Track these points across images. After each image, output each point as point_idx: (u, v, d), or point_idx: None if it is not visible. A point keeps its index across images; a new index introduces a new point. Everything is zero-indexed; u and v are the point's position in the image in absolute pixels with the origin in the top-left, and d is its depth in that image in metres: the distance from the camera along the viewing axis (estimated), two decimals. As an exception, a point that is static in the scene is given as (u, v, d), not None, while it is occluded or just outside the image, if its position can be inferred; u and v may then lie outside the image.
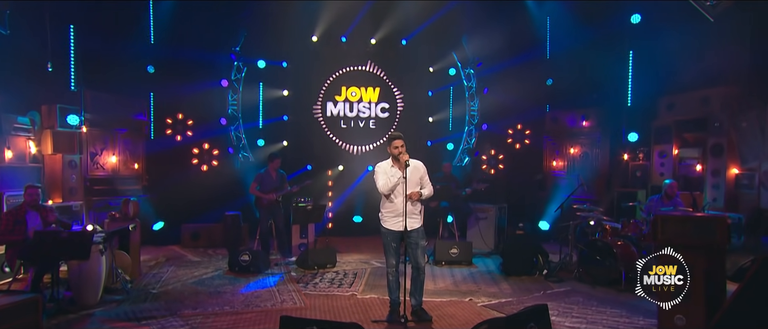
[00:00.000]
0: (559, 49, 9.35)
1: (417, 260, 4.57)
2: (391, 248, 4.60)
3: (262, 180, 7.30)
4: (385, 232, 4.60)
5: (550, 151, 9.63)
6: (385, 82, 9.86)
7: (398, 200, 4.49)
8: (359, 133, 9.73)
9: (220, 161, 9.23)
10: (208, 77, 8.84)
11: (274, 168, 7.40)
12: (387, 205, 4.60)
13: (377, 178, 4.56)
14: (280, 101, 9.52)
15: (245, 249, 6.71)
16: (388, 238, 4.59)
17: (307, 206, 6.66)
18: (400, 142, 4.50)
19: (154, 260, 7.40)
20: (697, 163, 7.35)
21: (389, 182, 4.48)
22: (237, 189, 8.74)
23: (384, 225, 4.61)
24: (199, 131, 9.04)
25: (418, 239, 4.55)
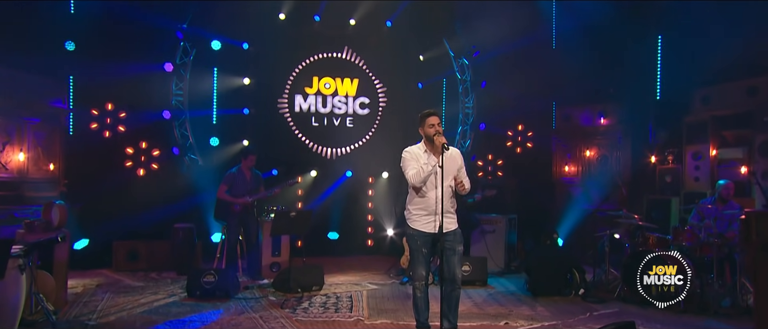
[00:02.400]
0: (568, 36, 9.26)
1: (453, 271, 4.27)
2: (421, 255, 4.32)
3: (233, 181, 6.88)
4: (414, 234, 4.34)
5: (561, 154, 9.53)
6: (365, 72, 9.57)
7: (431, 194, 4.25)
8: (334, 132, 9.39)
9: (162, 163, 8.60)
10: (147, 59, 8.28)
11: (247, 166, 6.98)
12: (417, 200, 4.34)
13: (406, 166, 4.31)
14: (240, 91, 9.02)
15: (209, 268, 6.11)
16: (418, 242, 4.32)
17: (290, 213, 6.19)
18: (437, 119, 4.31)
19: (81, 286, 6.62)
20: (741, 165, 7.33)
21: (422, 171, 4.21)
22: (185, 198, 8.15)
23: (412, 226, 4.35)
24: (134, 125, 8.41)
25: (455, 243, 4.28)
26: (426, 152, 4.31)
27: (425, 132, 4.33)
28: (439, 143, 4.16)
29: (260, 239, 7.14)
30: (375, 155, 9.34)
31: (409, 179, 4.28)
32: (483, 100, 9.93)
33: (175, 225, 7.56)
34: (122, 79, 8.03)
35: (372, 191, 9.53)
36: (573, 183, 9.19)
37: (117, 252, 7.67)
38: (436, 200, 4.22)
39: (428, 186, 4.26)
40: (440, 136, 4.20)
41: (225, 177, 6.93)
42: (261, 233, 7.15)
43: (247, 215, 6.91)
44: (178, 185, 8.33)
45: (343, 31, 9.43)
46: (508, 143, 9.95)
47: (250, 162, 6.98)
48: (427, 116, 4.33)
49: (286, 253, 7.24)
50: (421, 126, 4.36)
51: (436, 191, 4.24)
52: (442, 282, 4.27)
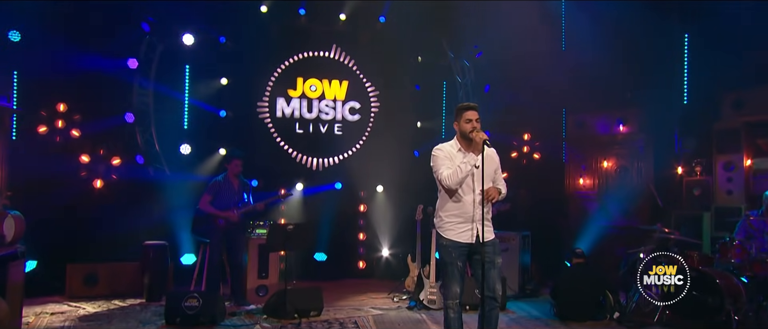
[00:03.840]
0: (579, 36, 9.25)
1: (493, 286, 4.14)
2: (455, 269, 4.17)
3: (218, 191, 6.67)
4: (447, 245, 4.19)
5: (574, 165, 9.44)
6: (355, 74, 9.45)
7: (468, 198, 4.14)
8: (320, 141, 9.22)
9: (124, 174, 8.23)
10: (107, 53, 7.94)
11: (234, 173, 6.72)
12: (450, 206, 4.21)
13: (439, 165, 4.19)
14: (216, 92, 8.75)
15: (192, 291, 5.80)
16: (453, 254, 4.16)
17: (287, 226, 5.93)
18: (475, 114, 4.21)
19: (32, 315, 6.17)
20: (781, 176, 7.35)
21: (459, 170, 4.07)
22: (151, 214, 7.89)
23: (445, 235, 4.22)
24: (91, 129, 8.05)
25: (495, 255, 4.18)
26: (460, 151, 4.22)
27: (461, 128, 4.22)
28: (478, 139, 4.04)
29: (245, 259, 6.86)
30: (367, 166, 9.19)
31: (443, 180, 4.14)
32: (486, 105, 9.40)
33: (146, 243, 7.26)
34: (77, 76, 7.75)
35: (364, 206, 9.31)
36: (589, 197, 9.08)
37: (72, 275, 7.24)
38: (473, 206, 4.10)
39: (464, 189, 4.14)
40: (479, 132, 4.10)
41: (209, 186, 6.70)
42: (246, 253, 6.88)
43: (233, 231, 6.66)
44: (143, 199, 8.02)
45: (332, 28, 9.29)
46: (514, 154, 9.87)
47: (235, 168, 6.74)
48: (465, 109, 4.24)
49: (274, 275, 6.97)
50: (457, 121, 4.26)
51: (473, 194, 4.12)
52: (481, 301, 4.08)
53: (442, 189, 4.25)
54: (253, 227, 6.94)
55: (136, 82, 8.33)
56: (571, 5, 9.62)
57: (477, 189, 4.10)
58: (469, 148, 4.16)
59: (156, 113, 8.46)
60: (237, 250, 6.69)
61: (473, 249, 4.14)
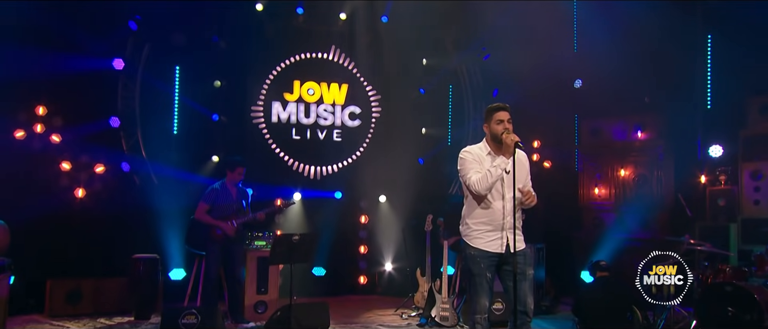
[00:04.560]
0: (593, 37, 9.19)
1: (525, 300, 4.03)
2: (484, 280, 4.06)
3: (215, 199, 6.49)
4: (475, 255, 4.10)
5: (588, 174, 9.33)
6: (356, 77, 9.43)
7: (497, 204, 4.06)
8: (318, 147, 9.15)
9: (108, 183, 8.14)
10: (91, 52, 7.88)
11: (233, 181, 6.60)
12: (478, 213, 4.12)
13: (467, 169, 4.11)
14: (209, 95, 8.69)
15: (189, 307, 5.68)
16: (481, 265, 4.07)
17: (292, 237, 5.77)
18: (507, 114, 4.12)
19: None
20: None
21: (489, 174, 3.98)
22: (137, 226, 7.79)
23: (472, 244, 4.13)
24: (72, 135, 7.92)
25: (526, 266, 4.08)
26: (489, 154, 4.13)
27: (491, 129, 4.13)
28: (510, 141, 3.94)
29: (244, 273, 6.74)
30: (368, 175, 9.10)
31: (472, 185, 4.04)
32: None
33: (135, 256, 7.11)
34: (58, 77, 7.64)
35: (365, 217, 9.21)
36: (604, 208, 8.99)
37: (53, 291, 7.03)
38: (503, 213, 4.03)
39: (493, 195, 4.06)
40: (511, 133, 4.01)
41: (205, 194, 6.53)
42: (244, 267, 6.75)
43: (232, 242, 6.48)
44: (128, 210, 7.88)
45: (331, 28, 9.28)
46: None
47: (237, 176, 6.59)
48: (496, 110, 4.14)
49: (274, 290, 6.84)
50: (488, 122, 4.16)
51: (504, 201, 4.04)
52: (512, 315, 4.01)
53: (469, 195, 4.16)
54: (252, 238, 6.81)
55: (121, 83, 8.25)
56: (584, 5, 9.58)
57: (507, 195, 4.02)
58: (499, 151, 4.08)
59: (142, 118, 8.39)
60: (235, 263, 6.54)
61: (503, 259, 4.05)
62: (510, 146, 3.93)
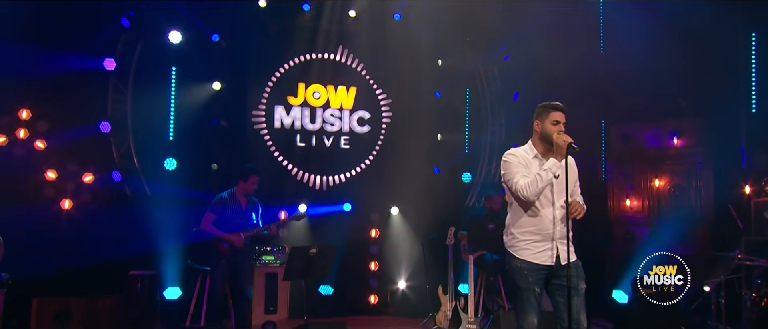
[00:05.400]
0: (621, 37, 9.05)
1: (578, 317, 3.98)
2: (532, 295, 4.03)
3: (223, 210, 6.52)
4: (522, 267, 4.06)
5: (619, 185, 9.11)
6: (365, 79, 9.37)
7: (547, 212, 4.04)
8: (325, 155, 9.09)
9: (97, 194, 8.08)
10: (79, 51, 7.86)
11: (245, 191, 6.63)
12: (525, 221, 4.10)
13: (513, 173, 4.07)
14: (208, 99, 8.63)
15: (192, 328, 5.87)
16: (529, 279, 4.03)
17: (310, 250, 5.76)
18: (562, 115, 4.11)
19: None
20: None
21: (539, 179, 3.94)
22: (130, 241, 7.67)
23: (518, 255, 4.10)
24: (58, 141, 7.91)
25: (579, 280, 4.05)
26: (536, 157, 4.12)
27: (544, 129, 4.11)
28: (562, 142, 3.92)
29: (251, 291, 6.77)
30: (378, 185, 9.07)
31: (519, 189, 3.98)
32: (514, 116, 9.72)
33: (131, 273, 7.09)
34: (43, 77, 7.64)
35: (376, 231, 9.05)
36: (637, 221, 8.76)
37: (40, 312, 7.00)
38: (553, 221, 4.01)
39: (542, 202, 4.03)
40: (565, 135, 3.99)
41: (213, 204, 6.56)
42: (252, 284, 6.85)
43: (239, 257, 6.47)
44: (119, 223, 7.79)
45: (340, 26, 9.20)
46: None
47: (250, 185, 6.60)
48: (553, 109, 4.11)
49: (284, 309, 6.96)
50: (541, 119, 4.14)
51: (553, 208, 4.03)
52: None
53: (514, 202, 4.12)
54: (260, 253, 6.85)
55: (112, 85, 8.23)
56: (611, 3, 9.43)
57: (558, 202, 4.00)
58: (548, 153, 4.05)
59: (135, 123, 8.40)
60: (243, 279, 6.52)
61: (552, 272, 4.02)
62: (562, 147, 3.89)
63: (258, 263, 6.85)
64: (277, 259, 7.11)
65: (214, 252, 6.43)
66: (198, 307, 6.78)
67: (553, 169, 3.91)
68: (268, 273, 6.70)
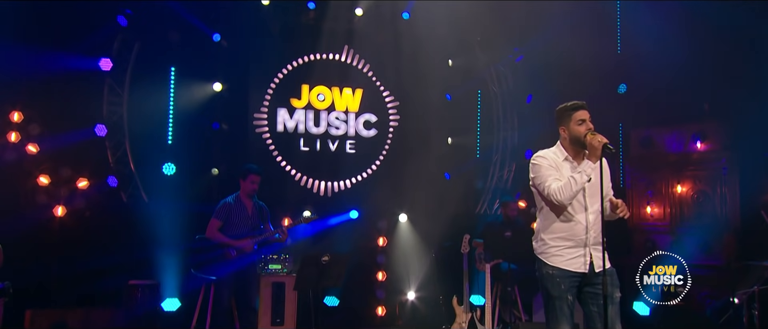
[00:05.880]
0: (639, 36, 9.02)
1: (613, 326, 3.89)
2: (565, 304, 3.99)
3: (229, 215, 6.43)
4: (554, 274, 4.02)
5: (638, 191, 9.05)
6: (371, 81, 9.32)
7: (580, 217, 4.00)
8: (329, 160, 9.02)
9: (92, 200, 8.08)
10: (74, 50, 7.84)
11: (248, 193, 6.52)
12: (558, 227, 4.06)
13: (545, 176, 4.03)
14: (208, 101, 8.58)
15: None
16: (562, 287, 3.99)
17: (322, 257, 5.75)
18: (587, 113, 4.09)
19: None
20: None
21: (572, 183, 3.90)
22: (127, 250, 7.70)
23: (550, 262, 4.06)
24: (51, 145, 7.88)
25: (614, 288, 3.95)
26: (567, 160, 4.10)
27: (571, 131, 4.07)
28: (597, 143, 3.88)
29: (257, 301, 6.74)
30: (386, 191, 9.01)
31: (552, 194, 3.94)
32: (527, 119, 9.67)
33: (131, 283, 7.12)
34: (36, 78, 7.70)
35: (384, 239, 8.92)
36: (658, 230, 8.69)
37: (34, 324, 7.02)
38: (586, 226, 3.97)
39: (575, 207, 4.00)
40: (597, 134, 3.95)
41: (217, 209, 6.43)
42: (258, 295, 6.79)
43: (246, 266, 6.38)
44: (116, 231, 7.88)
45: (345, 25, 9.15)
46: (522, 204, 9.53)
47: (250, 186, 6.48)
48: (575, 109, 4.09)
49: (291, 321, 6.90)
50: (565, 123, 4.12)
51: (586, 213, 3.99)
52: None
53: (545, 206, 4.08)
54: (266, 261, 6.77)
55: (108, 86, 8.18)
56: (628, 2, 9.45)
57: (592, 207, 3.97)
58: (579, 155, 4.05)
59: (132, 125, 8.36)
60: (249, 289, 6.47)
61: (585, 280, 3.98)
62: (597, 148, 3.86)
63: (264, 271, 6.76)
64: (284, 268, 7.03)
65: (220, 260, 6.34)
66: (201, 319, 6.70)
67: (587, 171, 3.88)
68: (275, 282, 6.64)
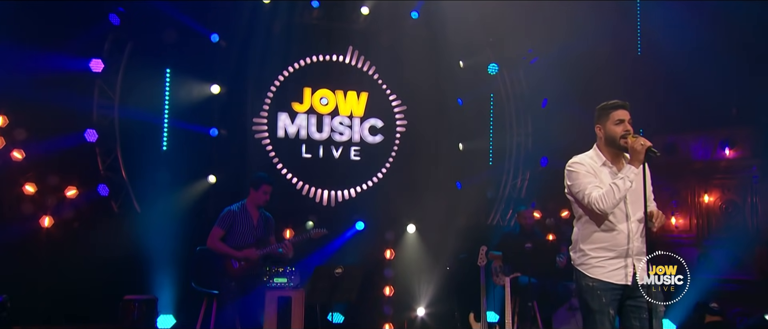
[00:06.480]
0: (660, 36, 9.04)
1: None
2: (606, 318, 3.91)
3: (232, 224, 6.35)
4: (595, 287, 3.93)
5: (662, 201, 8.71)
6: (377, 84, 9.30)
7: (622, 226, 3.91)
8: (333, 168, 8.98)
9: (81, 210, 8.03)
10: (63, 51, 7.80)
11: (256, 203, 6.45)
12: (598, 236, 3.98)
13: (583, 183, 3.93)
14: (206, 105, 8.52)
15: None
16: (603, 300, 3.90)
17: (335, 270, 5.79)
18: (627, 114, 4.02)
19: None
20: None
21: (615, 190, 3.80)
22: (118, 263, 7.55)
23: (590, 274, 3.97)
24: (38, 150, 7.82)
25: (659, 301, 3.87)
26: (605, 165, 4.00)
27: (607, 130, 4.01)
28: (640, 147, 3.77)
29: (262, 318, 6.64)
30: (393, 200, 8.98)
31: (593, 202, 3.83)
32: (542, 124, 9.68)
33: (127, 298, 6.97)
34: (22, 80, 7.54)
35: (391, 252, 8.81)
36: (683, 242, 8.66)
37: None
38: (628, 236, 3.88)
39: (616, 215, 3.90)
40: (638, 137, 3.84)
41: (221, 217, 6.35)
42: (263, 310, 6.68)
43: (251, 279, 6.32)
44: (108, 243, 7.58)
45: (351, 25, 9.13)
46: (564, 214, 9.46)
47: (261, 196, 6.40)
48: (614, 108, 4.01)
49: None
50: (602, 121, 4.05)
51: (628, 222, 3.89)
52: None
53: (584, 215, 4.00)
54: (271, 274, 6.74)
55: (98, 89, 8.13)
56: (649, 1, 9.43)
57: (634, 215, 3.87)
58: (617, 159, 3.99)
59: (124, 130, 8.27)
60: (254, 304, 6.37)
61: (628, 293, 3.89)
62: (640, 152, 3.75)
63: (269, 285, 6.70)
64: (290, 281, 6.95)
65: (222, 272, 6.25)
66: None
67: (630, 176, 3.78)
68: (281, 297, 6.56)
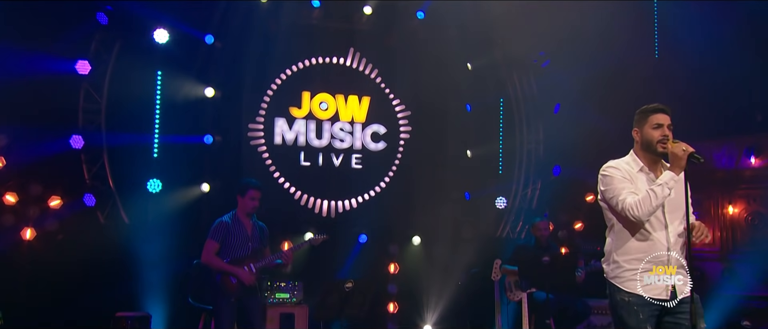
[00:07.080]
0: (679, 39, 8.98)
1: None
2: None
3: (226, 236, 6.24)
4: (631, 302, 3.87)
5: None
6: (379, 87, 9.30)
7: (659, 235, 3.86)
8: (333, 176, 8.96)
9: (65, 221, 7.98)
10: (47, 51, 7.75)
11: (246, 211, 6.33)
12: (633, 247, 3.92)
13: (619, 189, 3.88)
14: (200, 108, 8.49)
15: None
16: (640, 315, 3.83)
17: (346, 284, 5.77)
18: (668, 118, 3.95)
19: None
20: None
21: (652, 197, 3.73)
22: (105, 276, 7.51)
23: (625, 288, 3.91)
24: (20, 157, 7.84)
25: (700, 319, 3.81)
26: (642, 171, 3.95)
27: (644, 134, 3.96)
28: (681, 153, 3.70)
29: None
30: (396, 211, 8.98)
31: (629, 209, 3.76)
32: (554, 131, 9.61)
33: (118, 315, 6.95)
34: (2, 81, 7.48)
35: (395, 265, 8.75)
36: (706, 256, 8.53)
37: None
38: (668, 247, 3.83)
39: (653, 224, 3.84)
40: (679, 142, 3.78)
41: (213, 230, 6.23)
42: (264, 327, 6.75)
43: (249, 294, 6.19)
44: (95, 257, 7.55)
45: (352, 25, 9.10)
46: (590, 196, 9.38)
47: (249, 202, 6.28)
48: (654, 111, 3.93)
49: None
50: (640, 125, 4.00)
51: (666, 231, 3.83)
52: None
53: (618, 223, 3.93)
54: (272, 289, 6.56)
55: (84, 92, 8.09)
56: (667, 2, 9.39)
57: (673, 224, 3.81)
58: (655, 165, 3.95)
59: (111, 136, 8.15)
60: (254, 321, 6.26)
61: (667, 309, 3.82)
62: (681, 158, 3.68)
63: (270, 301, 6.67)
64: (293, 296, 6.89)
65: (219, 288, 6.13)
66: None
67: (669, 183, 3.70)
68: (283, 313, 6.55)
